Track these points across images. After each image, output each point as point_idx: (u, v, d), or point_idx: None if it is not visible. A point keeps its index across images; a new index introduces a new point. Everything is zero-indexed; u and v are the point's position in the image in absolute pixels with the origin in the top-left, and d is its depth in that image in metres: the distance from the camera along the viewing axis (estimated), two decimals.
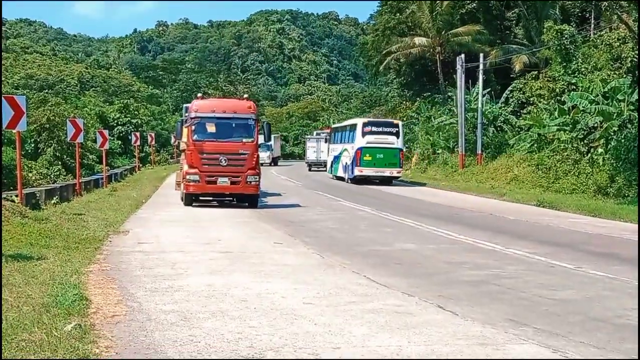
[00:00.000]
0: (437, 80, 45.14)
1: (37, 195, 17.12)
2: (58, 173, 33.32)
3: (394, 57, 46.42)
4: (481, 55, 35.57)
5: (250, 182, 18.87)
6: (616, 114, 24.59)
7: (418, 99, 48.62)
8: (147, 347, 5.53)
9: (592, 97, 25.74)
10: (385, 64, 48.48)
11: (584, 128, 25.64)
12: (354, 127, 32.91)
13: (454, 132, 37.52)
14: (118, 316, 6.51)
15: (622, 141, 22.56)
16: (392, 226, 15.59)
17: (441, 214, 18.86)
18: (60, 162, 36.39)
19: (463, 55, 34.89)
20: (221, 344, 5.66)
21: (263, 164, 35.21)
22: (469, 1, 43.54)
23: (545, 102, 30.32)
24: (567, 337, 6.18)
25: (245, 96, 21.23)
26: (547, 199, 21.91)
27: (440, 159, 38.88)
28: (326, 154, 42.07)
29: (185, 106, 23.53)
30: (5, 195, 14.32)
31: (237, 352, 5.45)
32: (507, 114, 36.64)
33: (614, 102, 25.12)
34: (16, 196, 14.66)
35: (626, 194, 21.35)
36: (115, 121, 56.70)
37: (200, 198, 19.74)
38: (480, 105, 33.95)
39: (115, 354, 5.32)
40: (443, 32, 43.54)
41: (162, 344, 5.63)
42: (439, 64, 44.16)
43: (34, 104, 44.65)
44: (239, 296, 7.53)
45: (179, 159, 28.01)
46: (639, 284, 8.68)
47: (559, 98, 28.61)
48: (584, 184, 23.71)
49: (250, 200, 19.49)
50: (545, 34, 29.01)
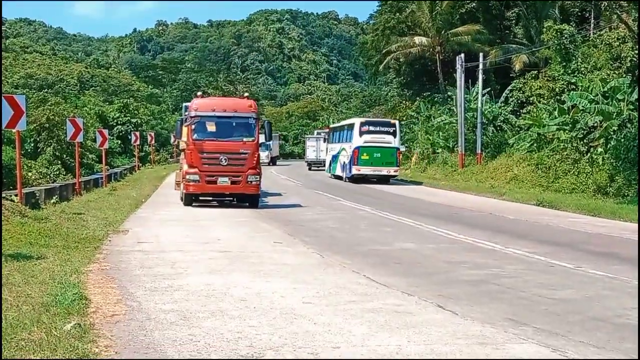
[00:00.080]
0: (437, 79, 45.13)
1: (37, 194, 17.10)
2: (58, 172, 33.32)
3: (393, 56, 46.40)
4: (481, 54, 35.58)
5: (251, 181, 18.60)
6: (616, 113, 24.59)
7: (418, 98, 48.61)
8: (146, 347, 5.53)
9: (591, 97, 25.75)
10: (384, 63, 48.45)
11: (584, 127, 25.64)
12: (351, 127, 33.14)
13: (453, 132, 37.53)
14: (117, 315, 6.50)
15: (622, 141, 22.57)
16: (391, 226, 15.59)
17: (441, 213, 18.86)
18: (59, 162, 36.40)
19: (463, 55, 34.91)
20: (221, 343, 5.65)
21: (262, 164, 35.24)
22: (468, 1, 43.52)
23: (545, 102, 30.32)
24: (566, 336, 6.18)
25: (246, 95, 20.95)
26: (546, 199, 21.91)
27: (439, 158, 38.88)
28: (325, 153, 42.21)
29: (185, 105, 23.21)
30: (5, 195, 14.30)
31: (237, 351, 5.45)
32: (506, 113, 36.65)
33: (614, 101, 25.13)
34: (16, 195, 14.66)
35: (626, 194, 21.36)
36: (115, 120, 56.73)
37: (200, 198, 19.47)
38: (479, 105, 33.96)
39: (114, 353, 5.32)
40: (443, 32, 43.52)
41: (161, 343, 5.62)
42: (438, 64, 44.15)
43: (33, 104, 44.69)
44: (238, 295, 7.53)
45: (179, 158, 27.98)
46: (639, 283, 8.68)
47: (559, 97, 28.63)
48: (583, 183, 23.71)
49: (251, 200, 19.24)
50: (545, 34, 29.03)
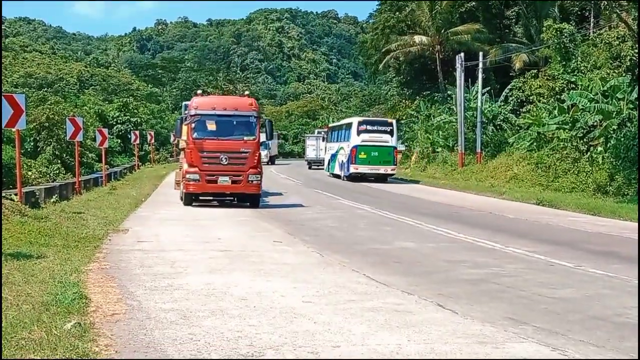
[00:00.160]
0: (437, 78, 45.12)
1: (37, 193, 17.06)
2: (57, 171, 33.29)
3: (393, 55, 46.40)
4: (480, 54, 35.58)
5: (252, 181, 18.34)
6: (615, 112, 24.58)
7: (417, 97, 48.63)
8: (146, 346, 5.53)
9: (591, 96, 25.74)
10: (384, 62, 48.45)
11: (584, 126, 25.64)
12: (349, 126, 33.46)
13: (453, 131, 37.53)
14: (117, 315, 6.50)
15: (622, 140, 22.57)
16: (391, 225, 15.59)
17: (441, 212, 18.86)
18: (59, 161, 36.38)
19: (462, 54, 34.94)
20: (221, 342, 5.65)
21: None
22: (468, 0, 43.51)
23: (545, 101, 30.31)
24: (566, 335, 6.18)
25: (247, 93, 20.61)
26: (546, 198, 21.91)
27: (439, 157, 38.89)
28: (324, 152, 42.40)
29: (185, 104, 22.87)
30: (5, 194, 14.30)
31: (237, 350, 5.45)
32: (506, 112, 36.66)
33: (614, 100, 25.12)
34: (15, 195, 14.64)
35: (626, 193, 21.36)
36: (115, 120, 56.71)
37: (200, 198, 19.26)
38: (479, 104, 33.97)
39: (114, 352, 5.32)
40: (442, 31, 43.51)
41: (161, 342, 5.62)
42: (438, 63, 44.14)
43: (33, 103, 44.69)
44: (238, 295, 7.53)
45: (179, 157, 27.92)
46: (639, 282, 8.68)
47: (559, 96, 28.61)
48: (583, 182, 23.71)
49: (252, 200, 18.99)
50: (545, 33, 29.01)
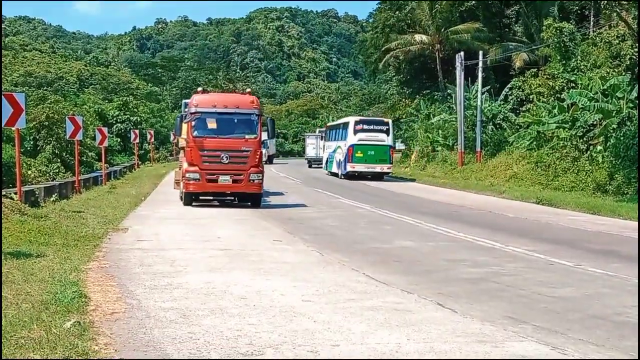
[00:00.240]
0: (437, 77, 45.09)
1: (36, 192, 17.04)
2: (57, 170, 33.21)
3: (393, 54, 46.38)
4: (480, 52, 35.54)
5: (253, 180, 17.99)
6: (615, 111, 24.57)
7: (417, 96, 48.60)
8: (146, 345, 5.53)
9: (591, 95, 25.72)
10: (384, 61, 48.44)
11: (583, 125, 25.62)
12: (346, 125, 34.00)
13: (453, 130, 37.52)
14: (117, 313, 6.51)
15: (621, 139, 22.55)
16: (391, 224, 15.59)
17: (440, 211, 18.86)
18: (59, 160, 36.30)
19: (462, 53, 34.90)
20: (220, 341, 5.66)
21: None
22: None
23: (545, 100, 30.29)
24: (566, 334, 6.18)
25: (248, 90, 20.35)
26: (546, 197, 21.91)
27: (439, 156, 38.88)
28: (323, 151, 42.76)
29: (185, 102, 22.62)
30: (5, 193, 14.29)
31: (237, 349, 5.45)
32: (506, 111, 36.63)
33: (613, 99, 25.10)
34: (15, 194, 14.64)
35: (625, 192, 21.35)
36: (115, 119, 56.64)
37: (201, 198, 18.99)
38: (479, 103, 33.94)
39: (114, 351, 5.32)
40: (442, 30, 43.47)
41: (161, 341, 5.63)
42: (438, 62, 44.10)
43: (33, 102, 44.61)
44: (238, 294, 7.53)
45: (178, 156, 27.84)
46: (639, 281, 8.68)
47: (559, 95, 28.59)
48: (583, 181, 23.69)
49: (253, 199, 18.70)
50: (545, 32, 28.98)
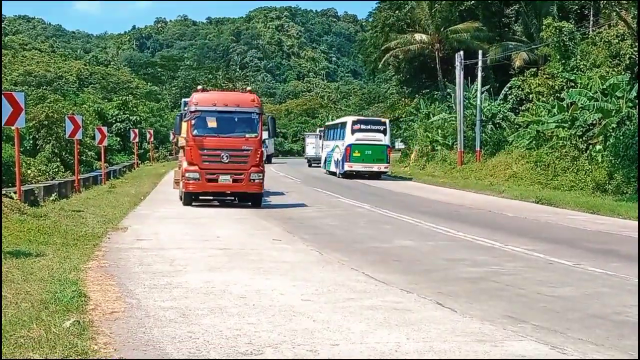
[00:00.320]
0: (436, 77, 45.09)
1: (36, 191, 17.05)
2: (57, 170, 33.17)
3: (392, 53, 46.38)
4: (480, 52, 35.54)
5: (254, 180, 17.79)
6: (615, 110, 24.58)
7: (417, 95, 48.63)
8: (145, 344, 5.53)
9: (590, 94, 25.72)
10: (384, 60, 48.44)
11: (583, 125, 25.62)
12: (344, 125, 34.45)
13: (452, 129, 37.52)
14: (117, 313, 6.50)
15: (621, 138, 22.56)
16: (390, 223, 15.59)
17: (440, 210, 18.85)
18: (58, 159, 36.25)
19: (462, 52, 34.90)
20: (220, 340, 5.66)
21: None
22: None
23: (544, 99, 30.29)
24: (565, 333, 6.18)
25: (249, 89, 20.12)
26: (545, 196, 21.91)
27: (438, 155, 38.88)
28: (321, 150, 43.10)
29: (184, 100, 22.22)
30: (4, 192, 14.29)
31: (236, 348, 5.45)
32: (505, 111, 36.63)
33: (613, 99, 25.11)
34: (15, 193, 14.64)
35: (625, 191, 21.35)
36: (114, 118, 56.60)
37: (200, 197, 18.83)
38: (479, 102, 33.95)
39: (113, 350, 5.31)
40: (442, 29, 43.46)
41: (160, 340, 5.63)
42: (437, 61, 44.10)
43: (32, 101, 44.59)
44: (237, 293, 7.53)
45: (178, 155, 27.79)
46: (639, 281, 8.68)
47: (558, 95, 28.60)
48: (582, 180, 23.70)
49: (254, 199, 18.50)
50: (544, 31, 28.99)
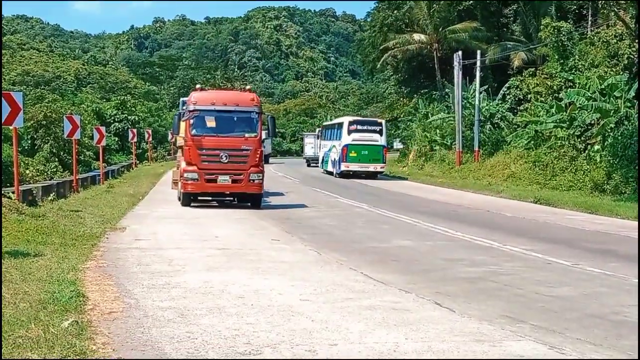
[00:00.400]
0: (435, 77, 45.11)
1: (34, 191, 17.04)
2: (55, 170, 33.20)
3: (391, 53, 46.41)
4: (478, 52, 35.57)
5: (253, 180, 17.54)
6: (613, 110, 24.61)
7: (415, 95, 48.63)
8: (144, 344, 5.53)
9: (589, 94, 25.76)
10: (382, 60, 48.48)
11: (581, 125, 25.65)
12: (340, 126, 34.78)
13: (451, 129, 37.55)
14: (115, 313, 6.50)
15: (619, 138, 22.57)
16: (389, 223, 15.60)
17: (438, 210, 18.86)
18: (57, 159, 36.28)
19: (460, 52, 34.90)
20: (218, 340, 5.65)
21: None
22: None
23: (543, 99, 30.32)
24: (564, 333, 6.19)
25: (248, 88, 19.89)
26: (544, 196, 21.92)
27: (437, 155, 38.89)
28: (318, 150, 43.49)
29: (183, 100, 21.98)
30: (3, 192, 14.27)
31: (235, 348, 5.45)
32: (504, 110, 36.62)
33: (611, 99, 25.14)
34: (13, 193, 14.63)
35: (623, 191, 21.37)
36: (112, 118, 56.60)
37: (199, 198, 18.67)
38: (477, 102, 33.95)
39: (112, 350, 5.31)
40: (440, 29, 43.51)
41: (159, 340, 5.62)
42: (436, 61, 44.13)
43: (30, 101, 44.60)
44: (236, 293, 7.53)
45: (176, 155, 27.74)
46: (638, 280, 8.69)
47: (556, 95, 28.63)
48: (581, 180, 23.71)
49: (253, 200, 18.26)
50: (543, 31, 29.02)
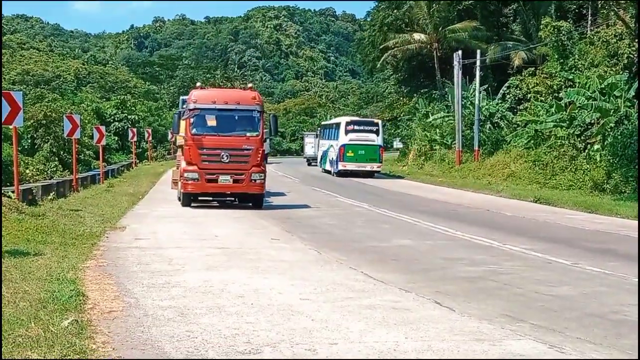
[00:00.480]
0: (434, 76, 45.07)
1: (34, 191, 17.04)
2: (55, 169, 33.12)
3: (391, 53, 46.36)
4: (478, 51, 35.54)
5: (255, 180, 17.30)
6: (613, 110, 24.61)
7: (415, 95, 48.58)
8: (144, 343, 5.53)
9: (589, 94, 25.76)
10: (382, 60, 48.43)
11: (581, 124, 25.65)
12: (338, 126, 35.42)
13: (450, 129, 37.53)
14: (115, 312, 6.50)
15: (619, 137, 22.57)
16: (389, 222, 15.60)
17: (438, 210, 18.86)
18: (57, 158, 36.19)
19: (460, 52, 34.87)
20: (218, 339, 5.66)
21: None
22: None
23: (542, 99, 30.31)
24: (563, 333, 6.19)
25: (249, 86, 19.68)
26: (544, 195, 21.92)
27: (437, 155, 38.88)
28: (317, 149, 44.24)
29: (183, 98, 21.51)
30: (3, 191, 14.27)
31: (235, 347, 5.45)
32: (504, 110, 36.60)
33: (611, 98, 25.14)
34: (13, 192, 14.62)
35: (623, 190, 21.37)
36: (112, 117, 56.52)
37: (200, 198, 18.47)
38: (477, 102, 33.94)
39: (112, 349, 5.32)
40: (440, 29, 43.46)
41: (159, 339, 5.62)
42: (436, 60, 44.08)
43: (30, 100, 44.54)
44: (236, 292, 7.53)
45: (176, 155, 27.65)
46: (639, 280, 8.69)
47: (556, 94, 28.62)
48: (580, 180, 23.71)
49: (255, 200, 17.99)
50: (542, 31, 29.02)
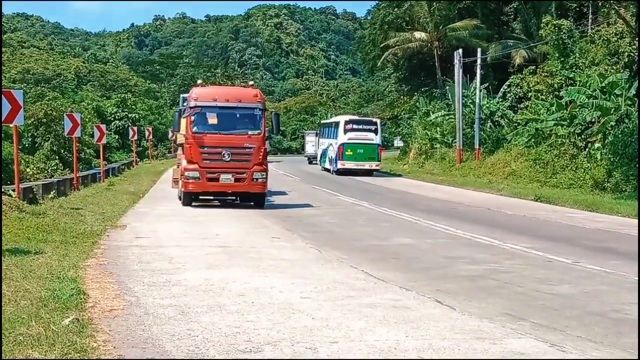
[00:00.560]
0: (435, 75, 45.04)
1: (35, 189, 17.05)
2: (55, 167, 33.16)
3: (391, 51, 46.32)
4: (479, 50, 35.51)
5: (257, 179, 17.15)
6: (614, 108, 24.60)
7: (416, 93, 48.55)
8: (144, 342, 5.53)
9: (589, 92, 25.73)
10: (383, 58, 48.40)
11: (582, 123, 25.64)
12: (337, 125, 35.78)
13: (451, 127, 37.53)
14: (116, 310, 6.51)
15: (620, 136, 22.57)
16: (389, 221, 15.61)
17: (439, 208, 18.87)
18: (57, 157, 36.25)
19: (461, 50, 34.84)
20: (219, 338, 5.66)
21: None
22: None
23: (543, 97, 30.29)
24: (564, 331, 6.19)
25: (251, 83, 19.51)
26: (544, 194, 21.92)
27: (437, 153, 38.87)
28: (317, 148, 44.53)
29: (183, 96, 21.31)
30: (3, 190, 14.28)
31: (235, 346, 5.45)
32: (504, 108, 36.57)
33: (612, 97, 25.11)
34: (13, 190, 14.63)
35: (623, 189, 21.37)
36: (113, 115, 56.60)
37: (200, 197, 18.35)
38: (478, 100, 33.92)
39: (112, 348, 5.32)
40: (441, 27, 43.42)
41: (160, 338, 5.63)
42: (436, 59, 44.05)
43: (31, 99, 44.59)
44: (236, 290, 7.53)
45: (176, 153, 27.58)
46: (639, 279, 8.69)
47: (557, 93, 28.61)
48: (581, 178, 23.71)
49: (256, 199, 17.81)
50: (543, 29, 28.99)
